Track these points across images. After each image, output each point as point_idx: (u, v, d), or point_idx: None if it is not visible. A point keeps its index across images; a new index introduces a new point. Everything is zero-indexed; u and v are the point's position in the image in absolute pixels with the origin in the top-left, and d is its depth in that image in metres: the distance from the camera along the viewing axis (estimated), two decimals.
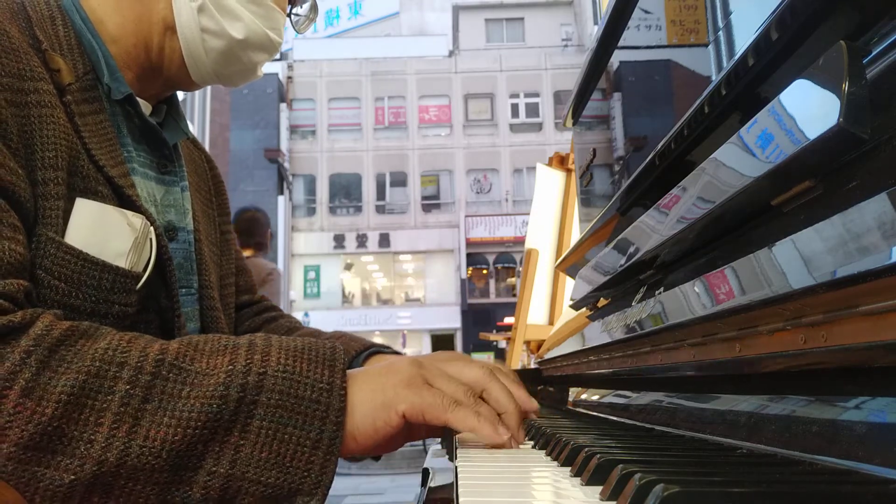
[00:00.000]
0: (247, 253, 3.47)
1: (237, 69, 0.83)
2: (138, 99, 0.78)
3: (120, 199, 0.70)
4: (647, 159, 0.84)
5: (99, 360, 0.55)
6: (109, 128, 0.73)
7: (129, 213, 0.70)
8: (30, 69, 0.65)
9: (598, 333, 0.99)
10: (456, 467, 0.55)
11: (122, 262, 0.69)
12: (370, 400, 0.61)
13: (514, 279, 20.23)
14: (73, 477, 0.52)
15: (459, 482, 0.47)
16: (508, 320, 13.15)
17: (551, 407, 1.34)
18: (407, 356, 0.68)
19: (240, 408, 0.56)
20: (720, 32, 0.66)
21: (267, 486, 0.56)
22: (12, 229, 0.60)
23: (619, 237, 0.96)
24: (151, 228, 0.72)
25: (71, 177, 0.66)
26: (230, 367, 0.57)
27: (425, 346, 20.17)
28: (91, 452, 0.52)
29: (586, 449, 0.52)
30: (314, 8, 0.91)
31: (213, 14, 0.77)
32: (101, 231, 0.68)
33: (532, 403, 0.70)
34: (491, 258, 21.07)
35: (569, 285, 1.92)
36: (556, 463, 0.58)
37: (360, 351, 0.89)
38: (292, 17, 0.89)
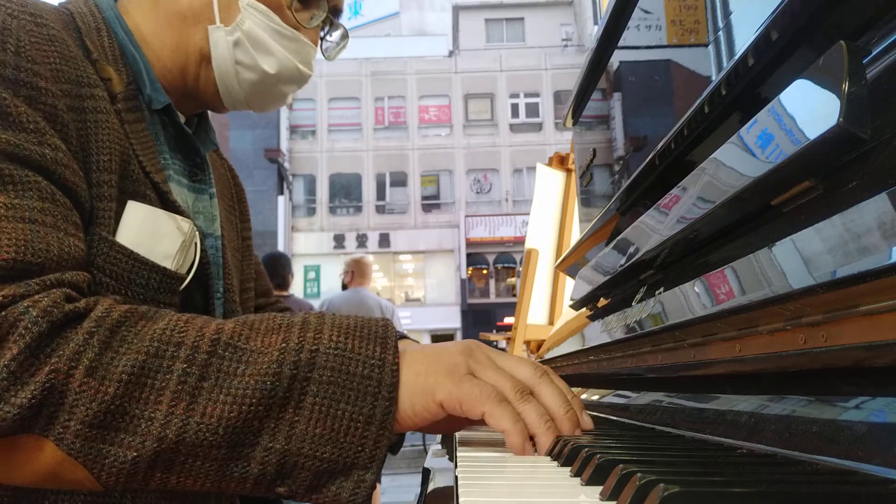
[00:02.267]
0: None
1: (268, 99, 0.86)
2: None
3: (164, 204, 0.74)
4: (647, 159, 0.84)
5: (157, 340, 0.57)
6: (150, 136, 0.76)
7: (179, 218, 0.74)
8: (86, 76, 0.68)
9: (598, 333, 0.99)
10: (456, 467, 0.55)
11: (168, 264, 0.72)
12: (412, 383, 0.61)
13: (514, 279, 20.22)
14: (135, 454, 0.54)
15: (459, 482, 0.47)
16: (508, 320, 13.15)
17: None
18: (462, 340, 0.67)
19: (293, 385, 0.57)
20: (720, 32, 0.66)
21: (322, 461, 0.57)
22: (75, 227, 0.63)
23: (619, 237, 0.96)
24: (197, 233, 0.76)
25: (122, 180, 0.70)
26: (283, 344, 0.59)
27: None
28: (151, 430, 0.54)
29: (586, 449, 0.52)
30: (345, 35, 0.92)
31: (247, 49, 0.80)
32: (151, 233, 0.71)
33: (585, 419, 0.65)
34: (491, 258, 21.08)
35: (569, 285, 1.92)
36: (555, 463, 0.58)
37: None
38: (323, 43, 0.90)
